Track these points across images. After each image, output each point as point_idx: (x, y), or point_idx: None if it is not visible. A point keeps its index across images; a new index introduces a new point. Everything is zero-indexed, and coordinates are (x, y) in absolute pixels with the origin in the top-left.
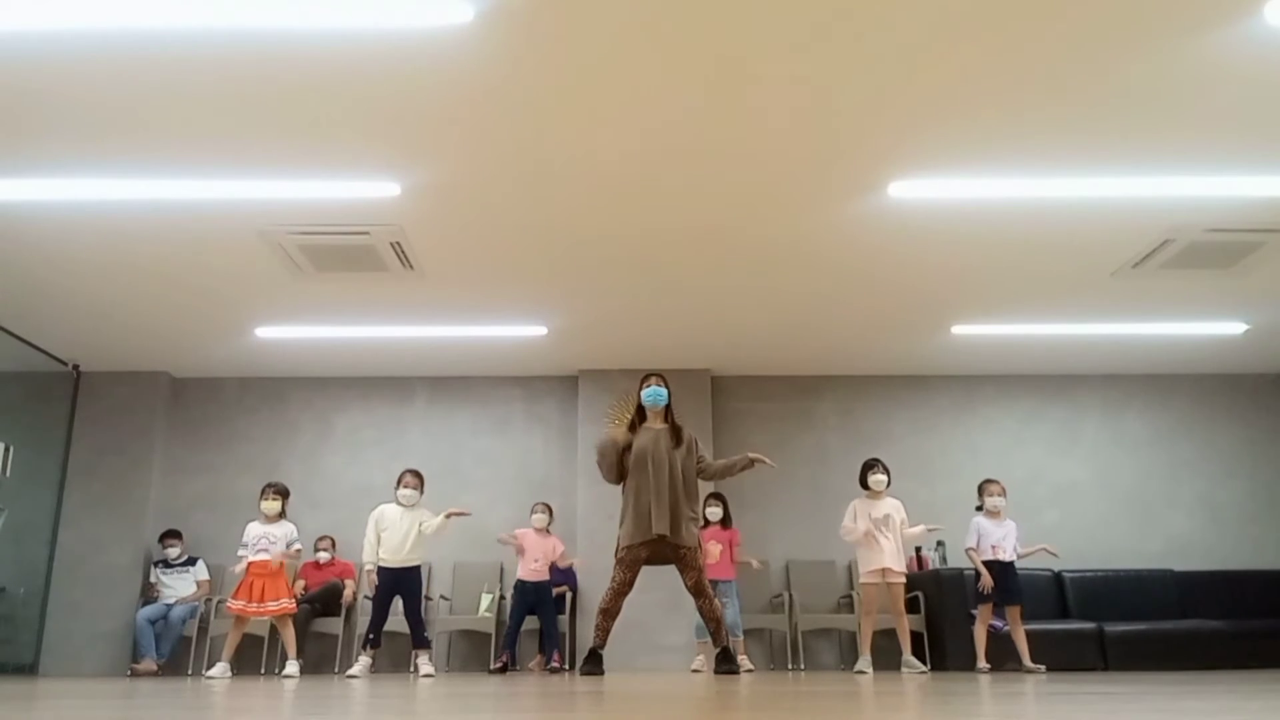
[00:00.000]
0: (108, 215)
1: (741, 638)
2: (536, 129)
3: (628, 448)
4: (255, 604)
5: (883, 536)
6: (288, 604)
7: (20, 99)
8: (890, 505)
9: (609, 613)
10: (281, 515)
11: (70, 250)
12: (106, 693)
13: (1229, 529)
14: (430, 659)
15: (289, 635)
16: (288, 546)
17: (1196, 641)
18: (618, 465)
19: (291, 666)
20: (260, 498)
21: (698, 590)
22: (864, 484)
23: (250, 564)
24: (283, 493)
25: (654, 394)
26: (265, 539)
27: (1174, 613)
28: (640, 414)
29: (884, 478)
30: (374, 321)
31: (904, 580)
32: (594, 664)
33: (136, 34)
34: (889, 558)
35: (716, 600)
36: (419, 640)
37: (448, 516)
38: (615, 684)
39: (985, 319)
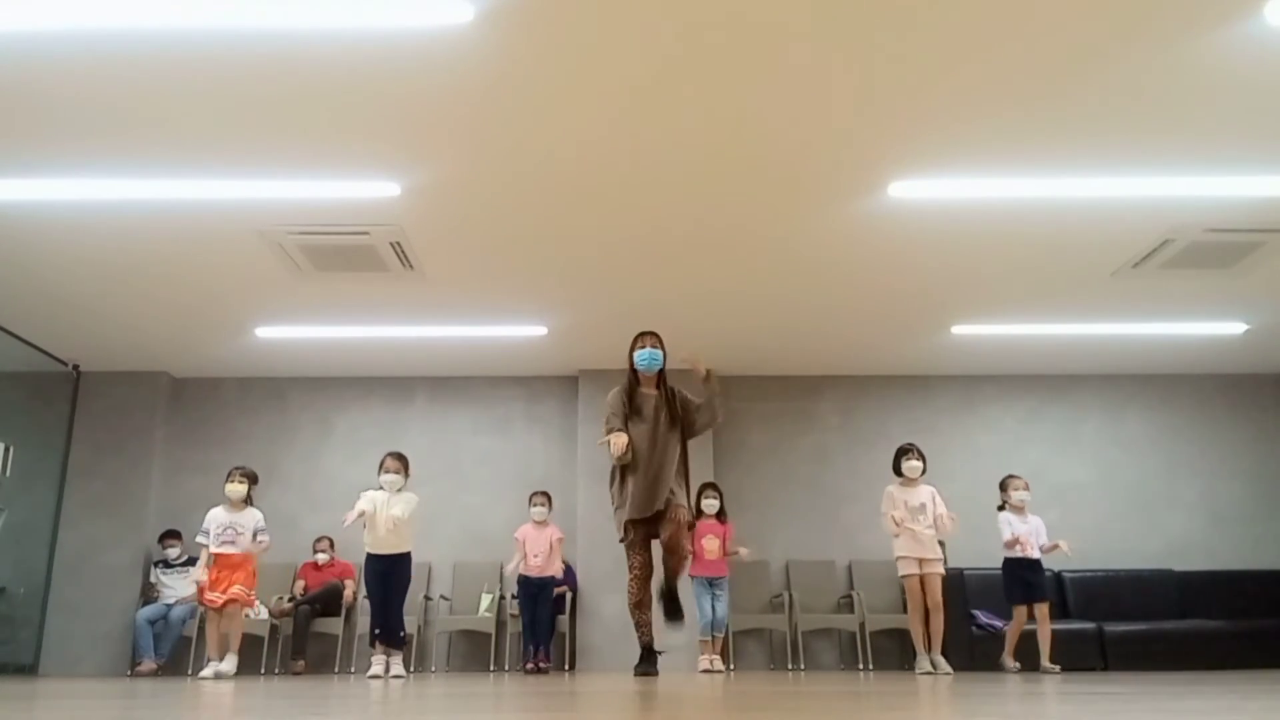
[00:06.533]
0: (108, 215)
1: (721, 634)
2: (536, 129)
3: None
4: (221, 593)
5: (920, 526)
6: (242, 592)
7: (20, 99)
8: (926, 493)
9: (642, 604)
10: (247, 501)
11: (70, 250)
12: (106, 693)
13: (1229, 529)
14: (401, 660)
15: (236, 626)
16: (254, 536)
17: (1196, 641)
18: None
19: (228, 663)
20: (226, 480)
21: (672, 546)
22: (897, 470)
23: (217, 555)
24: (251, 477)
25: (650, 357)
26: (231, 529)
27: (1174, 613)
28: (634, 376)
29: (919, 464)
30: (374, 321)
31: (942, 572)
32: (649, 664)
33: (136, 34)
34: (927, 548)
35: (687, 560)
36: (394, 639)
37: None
38: (615, 684)
39: (985, 319)
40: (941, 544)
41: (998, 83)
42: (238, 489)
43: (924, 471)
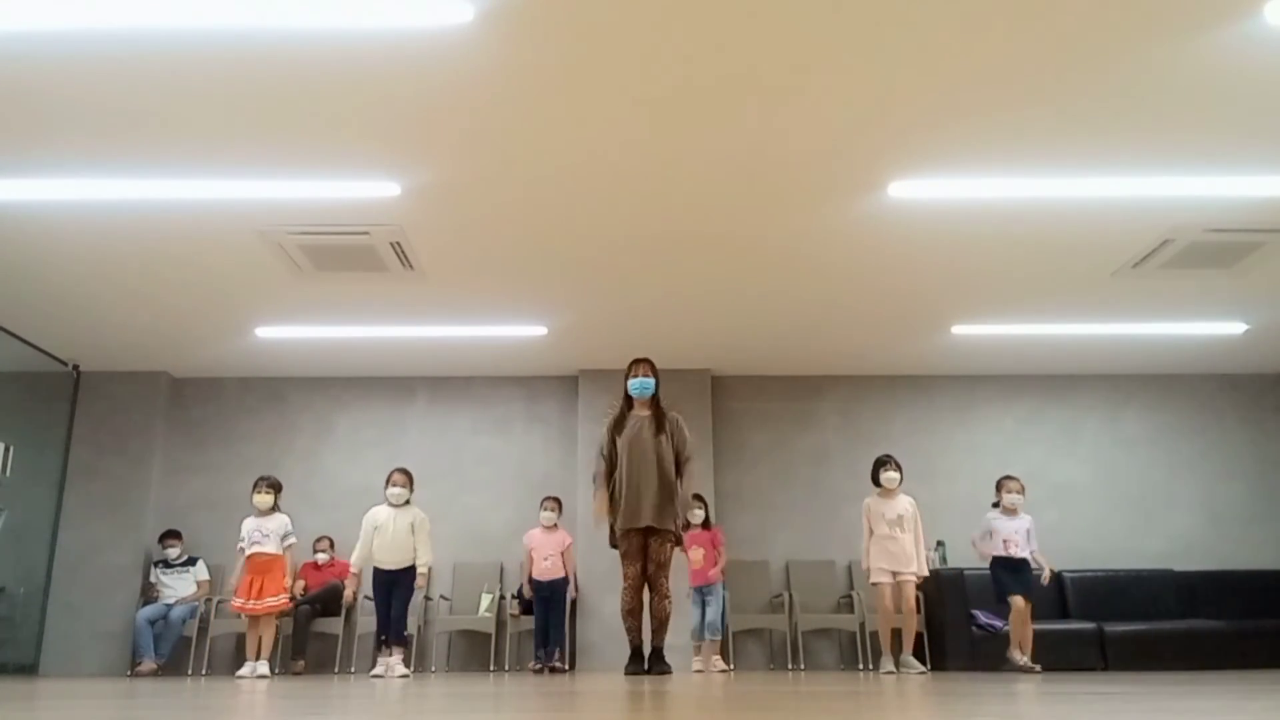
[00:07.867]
0: (109, 215)
1: (718, 639)
2: (537, 129)
3: (616, 435)
4: (254, 600)
5: (898, 537)
6: (283, 601)
7: (20, 99)
8: (904, 503)
9: (633, 612)
10: (275, 509)
11: (70, 250)
12: (106, 693)
13: (1229, 529)
14: (403, 659)
15: (269, 635)
16: (282, 540)
17: (1196, 641)
18: (608, 477)
19: (262, 667)
20: (253, 490)
21: (652, 584)
22: (875, 481)
23: (247, 558)
24: (275, 486)
25: (641, 386)
26: (258, 532)
27: (1174, 613)
28: (628, 402)
29: (896, 475)
30: (374, 321)
31: (914, 579)
32: (637, 664)
33: (136, 34)
34: (901, 560)
35: (668, 600)
36: (397, 638)
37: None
38: (614, 684)
39: (985, 319)
40: (942, 542)
41: (997, 82)
42: (265, 499)
43: (901, 482)
